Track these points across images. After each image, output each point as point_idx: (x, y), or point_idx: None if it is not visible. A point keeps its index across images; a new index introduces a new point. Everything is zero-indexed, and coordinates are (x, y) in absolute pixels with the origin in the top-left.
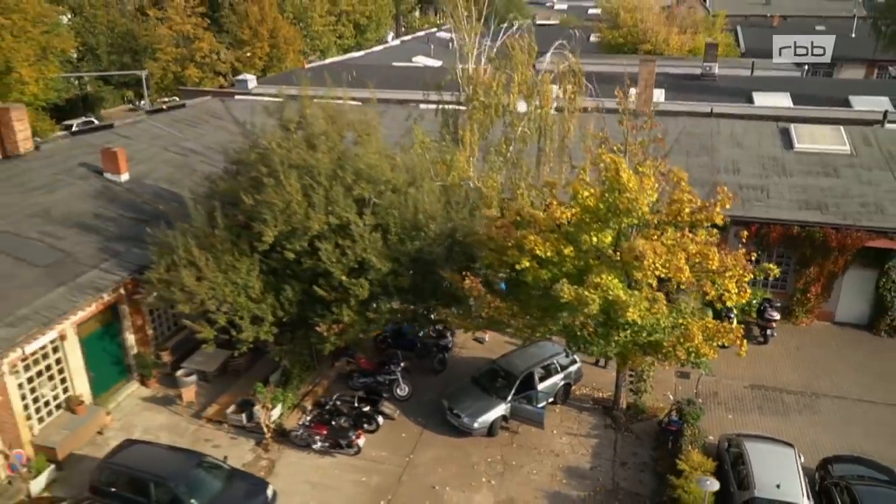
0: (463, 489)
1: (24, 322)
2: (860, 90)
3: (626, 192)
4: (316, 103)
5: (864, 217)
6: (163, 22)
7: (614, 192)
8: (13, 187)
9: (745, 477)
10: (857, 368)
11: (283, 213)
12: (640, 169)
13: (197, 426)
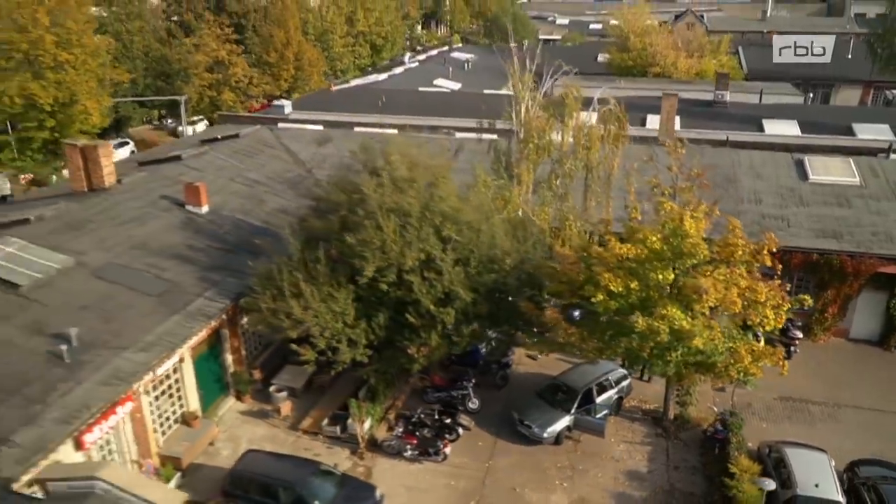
0: (540, 490)
1: (153, 347)
2: (862, 118)
3: (689, 237)
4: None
5: (875, 245)
6: (198, 48)
7: (678, 238)
8: (109, 220)
9: (788, 478)
10: (872, 381)
11: (380, 250)
12: (695, 215)
13: (295, 437)
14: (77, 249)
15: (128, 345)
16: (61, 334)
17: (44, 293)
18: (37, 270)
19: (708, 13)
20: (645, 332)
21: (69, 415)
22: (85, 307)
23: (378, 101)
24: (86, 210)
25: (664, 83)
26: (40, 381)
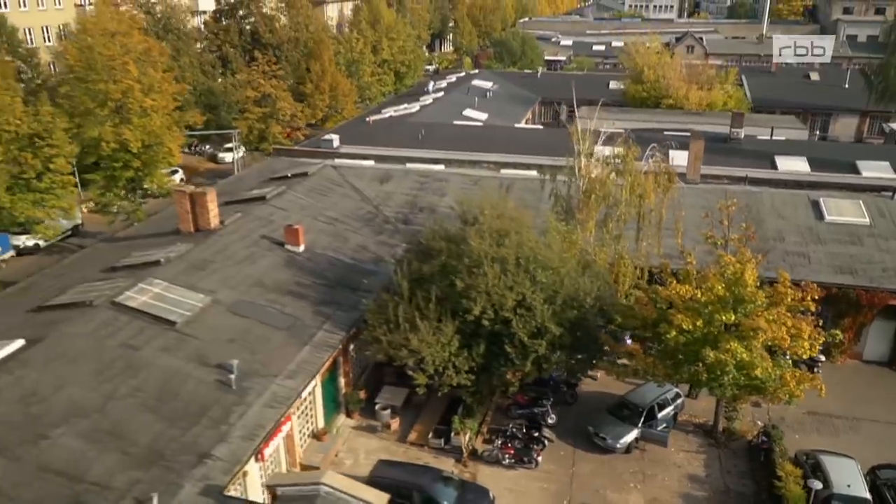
0: (618, 492)
1: (297, 375)
2: (865, 155)
3: (748, 286)
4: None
5: (885, 281)
6: (248, 84)
7: (739, 287)
8: (225, 260)
9: (824, 480)
10: (885, 398)
11: (485, 294)
12: (749, 266)
13: (404, 448)
14: (208, 288)
15: (277, 373)
16: (223, 365)
17: (194, 328)
18: (185, 308)
19: (706, 35)
20: (714, 363)
21: (250, 433)
22: (232, 340)
23: (418, 135)
24: (203, 252)
25: (679, 115)
26: (218, 405)
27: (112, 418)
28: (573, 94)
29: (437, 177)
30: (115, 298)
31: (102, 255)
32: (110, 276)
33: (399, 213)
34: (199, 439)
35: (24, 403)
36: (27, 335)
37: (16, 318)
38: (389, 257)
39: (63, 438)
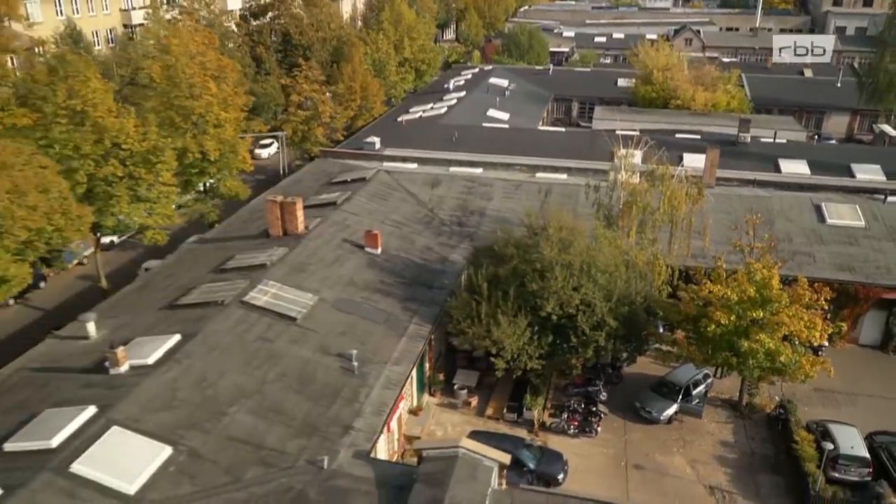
0: (665, 455)
1: (402, 361)
2: (858, 158)
3: (774, 289)
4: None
5: (879, 277)
6: (294, 88)
7: (767, 289)
8: (318, 262)
9: (832, 442)
10: (878, 376)
11: (556, 294)
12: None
13: (483, 421)
14: (313, 288)
15: (386, 360)
16: (343, 354)
17: (311, 323)
18: (299, 306)
19: (702, 27)
20: (747, 351)
21: (377, 409)
22: (343, 333)
23: (451, 137)
24: (298, 255)
25: (687, 116)
26: (347, 387)
27: (270, 399)
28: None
29: (482, 181)
30: (242, 298)
31: (202, 256)
32: (223, 278)
33: (452, 215)
34: (340, 414)
35: (199, 388)
36: (178, 331)
37: (153, 316)
38: (453, 257)
39: (238, 415)
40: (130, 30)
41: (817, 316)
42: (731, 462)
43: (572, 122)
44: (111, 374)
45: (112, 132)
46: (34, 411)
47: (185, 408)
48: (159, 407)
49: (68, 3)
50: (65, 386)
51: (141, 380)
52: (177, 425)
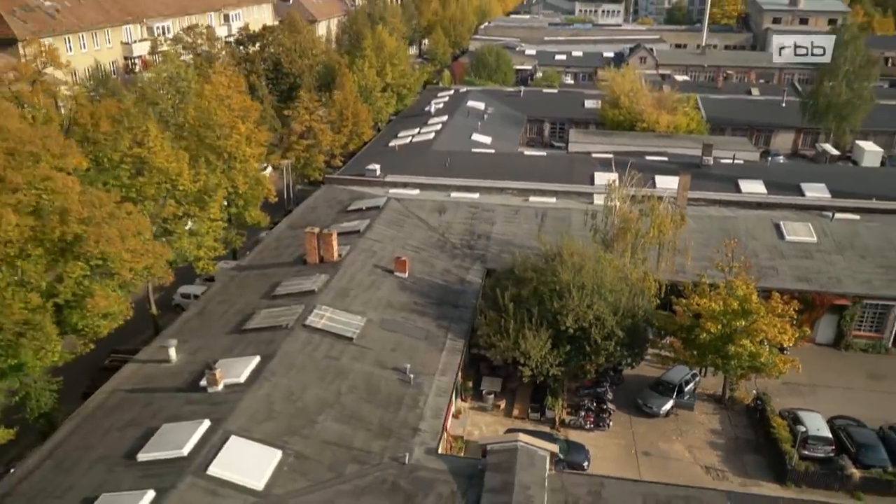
0: (666, 442)
1: (447, 372)
2: (806, 178)
3: (753, 303)
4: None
5: (831, 286)
6: (296, 119)
7: (747, 302)
8: (357, 286)
9: (802, 426)
10: (833, 370)
11: (573, 311)
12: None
13: (511, 421)
14: (358, 310)
15: (433, 371)
16: (398, 367)
17: (365, 342)
18: (352, 327)
19: (654, 45)
20: (733, 354)
21: (436, 413)
22: (394, 349)
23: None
24: (339, 281)
25: (653, 139)
26: (407, 396)
27: (348, 408)
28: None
29: (485, 207)
30: (303, 322)
31: (247, 283)
32: (277, 303)
33: (462, 239)
34: (407, 419)
35: (289, 401)
36: (255, 353)
37: (225, 339)
38: (469, 278)
39: (326, 422)
40: (131, 61)
41: (787, 323)
42: (721, 446)
43: (545, 142)
44: (209, 392)
45: (172, 175)
46: (149, 426)
47: (282, 418)
48: (262, 418)
49: (76, 39)
50: (168, 404)
51: (240, 396)
52: (280, 433)
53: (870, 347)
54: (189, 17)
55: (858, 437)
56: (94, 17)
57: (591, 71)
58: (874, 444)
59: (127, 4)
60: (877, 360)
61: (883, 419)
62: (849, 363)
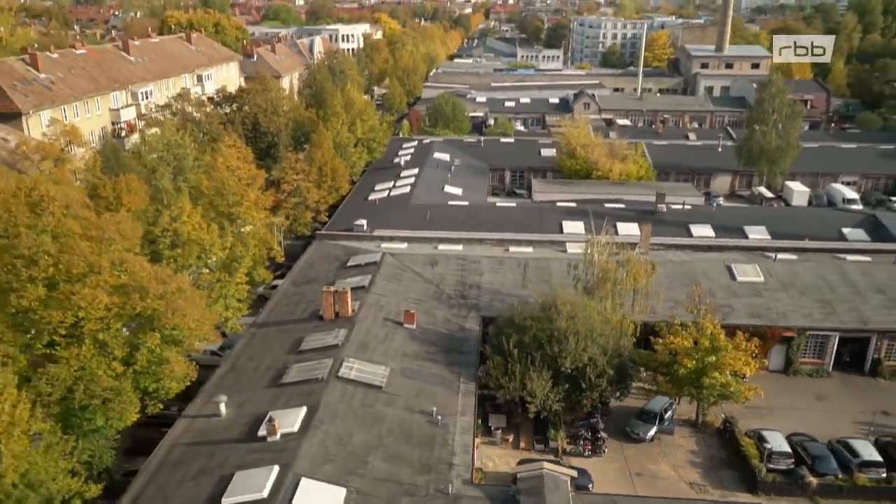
0: (654, 464)
1: (466, 412)
2: (748, 221)
3: (721, 341)
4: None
5: (779, 320)
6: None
7: (716, 340)
8: (374, 339)
9: (766, 443)
10: (785, 393)
11: (570, 354)
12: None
13: (519, 451)
14: (380, 361)
15: (454, 412)
16: (425, 411)
17: (393, 389)
18: (379, 377)
19: (596, 91)
20: (707, 385)
21: (464, 449)
22: (417, 395)
23: (425, 216)
24: (357, 335)
25: (609, 186)
26: (437, 435)
27: (390, 449)
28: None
29: (472, 259)
30: (336, 374)
31: (269, 339)
32: (306, 358)
33: (455, 290)
34: (441, 455)
35: (341, 445)
36: (300, 404)
37: (267, 393)
38: (468, 325)
39: (375, 462)
40: (118, 126)
41: (748, 355)
42: (699, 464)
43: (507, 189)
44: (269, 441)
45: (206, 245)
46: (221, 474)
47: (338, 460)
48: (321, 461)
49: (71, 108)
50: (232, 454)
51: (298, 443)
52: (339, 473)
53: (814, 372)
54: (168, 81)
55: (813, 451)
56: (85, 87)
57: (539, 117)
58: (826, 456)
59: (113, 73)
60: (821, 383)
61: (830, 434)
62: (798, 387)
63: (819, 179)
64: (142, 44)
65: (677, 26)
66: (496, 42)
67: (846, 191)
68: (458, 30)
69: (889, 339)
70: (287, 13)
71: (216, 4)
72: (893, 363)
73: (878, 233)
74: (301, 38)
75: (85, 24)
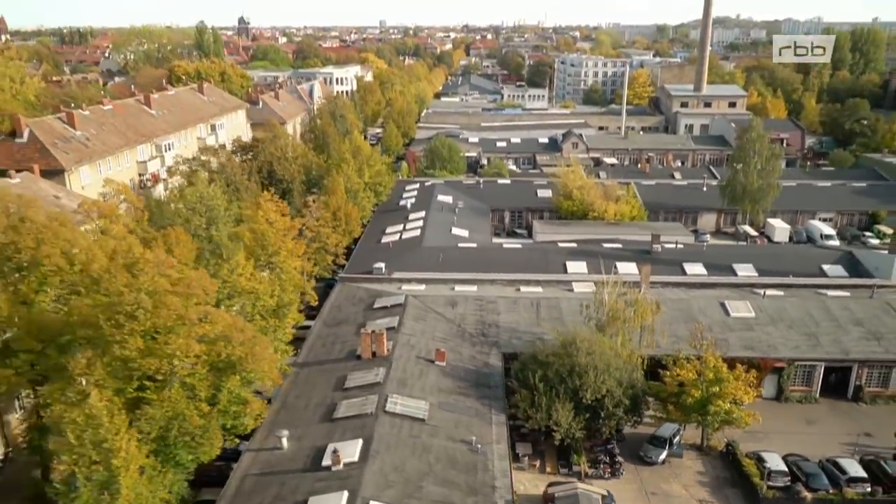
0: (667, 483)
1: (500, 440)
2: (736, 259)
3: (723, 373)
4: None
5: (770, 352)
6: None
7: (719, 372)
8: (410, 376)
9: (765, 463)
10: (779, 418)
11: (591, 387)
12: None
13: (545, 476)
14: (419, 396)
15: (491, 441)
16: (465, 440)
17: (434, 421)
18: (421, 411)
19: (583, 130)
20: (712, 412)
21: (503, 474)
22: (456, 426)
23: (438, 258)
24: (395, 373)
25: (606, 227)
26: (479, 462)
27: (439, 475)
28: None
29: (488, 300)
30: (384, 409)
31: (312, 378)
32: (352, 395)
33: (476, 328)
34: (484, 479)
35: (397, 472)
36: (355, 437)
37: (321, 428)
38: (491, 361)
39: (429, 487)
40: (143, 177)
41: (746, 384)
42: (707, 483)
43: (507, 230)
44: (333, 470)
45: (258, 294)
46: (295, 500)
47: (397, 486)
48: (383, 487)
49: (105, 162)
50: (302, 483)
51: (360, 471)
52: (399, 497)
53: (803, 399)
54: (186, 132)
55: (806, 469)
56: (116, 142)
57: (530, 156)
58: (818, 474)
59: (138, 126)
60: (810, 409)
61: (821, 454)
62: (789, 412)
63: (798, 216)
64: (160, 97)
65: (656, 65)
66: (480, 79)
67: (824, 227)
68: (442, 67)
69: (868, 368)
70: (275, 53)
71: (210, 48)
72: (873, 389)
73: (855, 269)
74: (301, 84)
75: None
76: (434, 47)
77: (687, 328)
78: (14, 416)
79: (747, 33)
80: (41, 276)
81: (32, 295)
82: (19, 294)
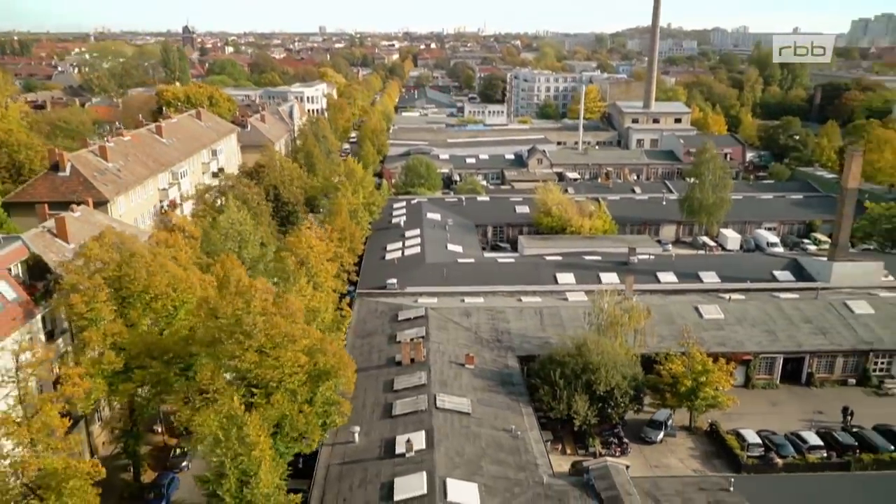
0: (665, 458)
1: (532, 429)
2: (701, 267)
3: (709, 366)
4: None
5: (738, 347)
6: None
7: (704, 364)
8: (448, 378)
9: (744, 438)
10: (749, 401)
11: (604, 381)
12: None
13: (567, 456)
14: (460, 394)
15: (525, 429)
16: (506, 428)
17: (478, 414)
18: (465, 406)
19: (545, 146)
20: (701, 398)
21: (541, 454)
22: (496, 418)
23: (442, 274)
24: (435, 375)
25: (584, 240)
26: (520, 446)
27: (492, 456)
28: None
29: (498, 310)
30: (435, 406)
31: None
32: (403, 395)
33: (491, 336)
34: (527, 459)
35: (459, 456)
36: (415, 429)
37: (384, 424)
38: (509, 363)
39: (487, 466)
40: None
41: (726, 374)
42: (698, 456)
43: (490, 244)
44: (407, 456)
45: (320, 311)
46: (381, 481)
47: (462, 466)
48: (452, 467)
49: (135, 192)
50: (382, 468)
51: (430, 456)
52: (466, 475)
53: (767, 385)
54: (193, 158)
55: (776, 441)
56: (141, 172)
57: (498, 171)
58: (786, 444)
59: (156, 155)
60: (772, 393)
61: (786, 429)
62: (756, 397)
63: (746, 226)
64: (167, 125)
65: (604, 80)
66: (435, 92)
67: (769, 236)
68: (395, 79)
69: (818, 358)
70: (233, 67)
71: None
72: (822, 375)
73: (800, 273)
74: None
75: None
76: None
77: (668, 329)
78: (95, 426)
79: (679, 44)
80: (145, 302)
81: (137, 319)
82: (127, 319)
